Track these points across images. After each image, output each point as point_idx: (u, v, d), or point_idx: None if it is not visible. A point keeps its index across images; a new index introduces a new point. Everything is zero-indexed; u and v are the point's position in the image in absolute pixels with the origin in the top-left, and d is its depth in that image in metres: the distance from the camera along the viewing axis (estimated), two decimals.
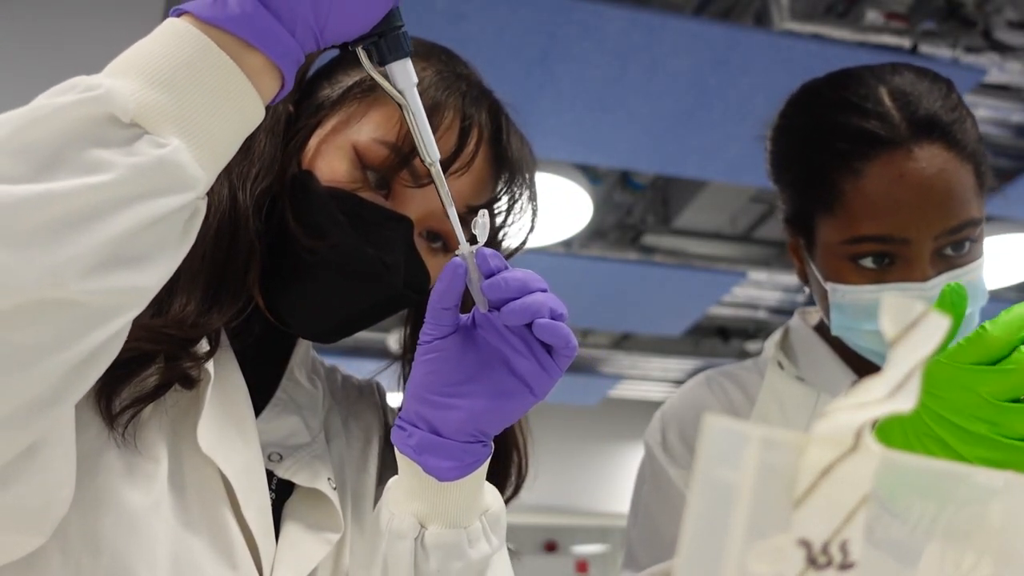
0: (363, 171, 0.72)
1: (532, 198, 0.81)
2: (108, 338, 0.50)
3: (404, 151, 0.71)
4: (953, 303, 0.62)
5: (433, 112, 0.71)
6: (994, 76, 2.56)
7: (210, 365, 0.67)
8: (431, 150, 0.63)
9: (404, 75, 0.62)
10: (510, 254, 0.83)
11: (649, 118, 2.56)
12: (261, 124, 0.72)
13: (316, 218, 0.70)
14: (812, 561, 0.26)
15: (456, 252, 0.63)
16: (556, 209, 3.14)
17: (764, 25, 2.38)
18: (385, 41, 0.60)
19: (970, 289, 0.86)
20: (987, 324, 0.60)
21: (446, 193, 0.64)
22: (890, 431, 0.65)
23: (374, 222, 0.71)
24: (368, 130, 0.73)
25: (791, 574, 0.26)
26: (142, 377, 0.63)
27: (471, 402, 0.63)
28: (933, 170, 0.85)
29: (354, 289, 0.72)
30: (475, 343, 0.64)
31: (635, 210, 3.80)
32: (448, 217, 0.65)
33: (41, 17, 1.98)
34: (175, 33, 0.53)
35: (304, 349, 0.82)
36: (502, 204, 0.80)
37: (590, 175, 3.19)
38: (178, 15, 0.54)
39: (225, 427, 0.67)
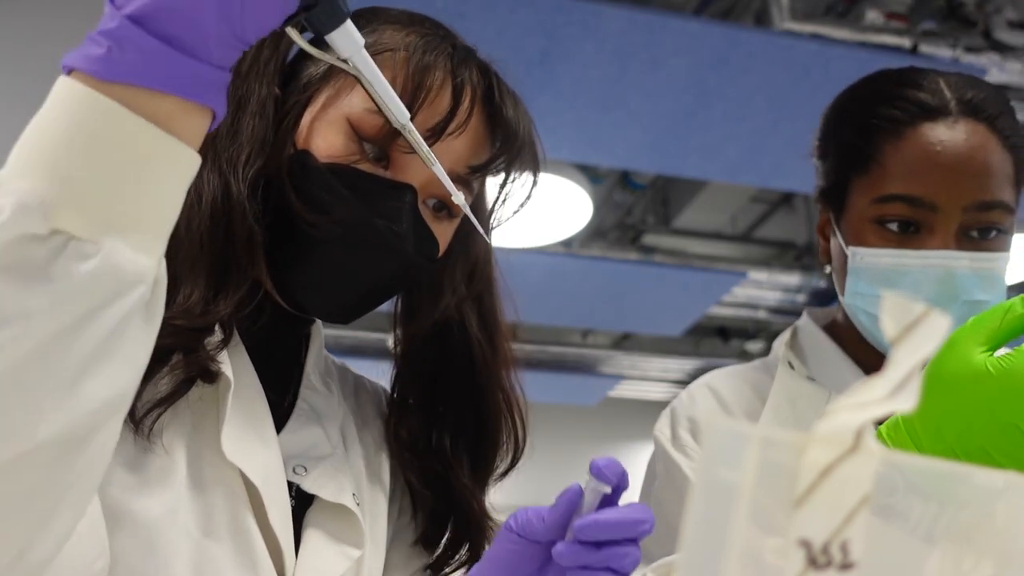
0: (359, 143, 0.71)
1: (532, 156, 0.79)
2: (100, 447, 0.48)
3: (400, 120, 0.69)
4: None
5: (423, 74, 0.70)
6: (994, 76, 2.56)
7: (228, 368, 0.66)
8: (399, 112, 0.60)
9: (347, 41, 0.56)
10: (513, 214, 0.81)
11: (649, 118, 2.56)
12: (247, 108, 0.70)
13: (319, 195, 0.69)
14: (812, 561, 0.26)
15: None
16: (556, 209, 3.14)
17: (764, 25, 2.38)
18: (318, 13, 0.53)
19: (988, 279, 0.86)
20: None
21: (427, 152, 0.62)
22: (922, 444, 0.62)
23: (378, 192, 0.70)
24: (359, 101, 0.70)
25: (791, 574, 0.26)
26: (161, 375, 0.62)
27: None
28: (973, 143, 0.87)
29: (367, 262, 0.71)
30: (547, 561, 0.64)
31: (635, 210, 3.80)
32: (444, 187, 0.64)
33: (41, 17, 1.98)
34: (74, 102, 0.46)
35: (317, 348, 0.81)
36: (501, 163, 0.77)
37: (590, 175, 3.19)
38: (68, 71, 0.47)
39: (246, 433, 0.67)
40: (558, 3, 2.09)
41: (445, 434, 0.81)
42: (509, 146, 0.76)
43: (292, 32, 0.56)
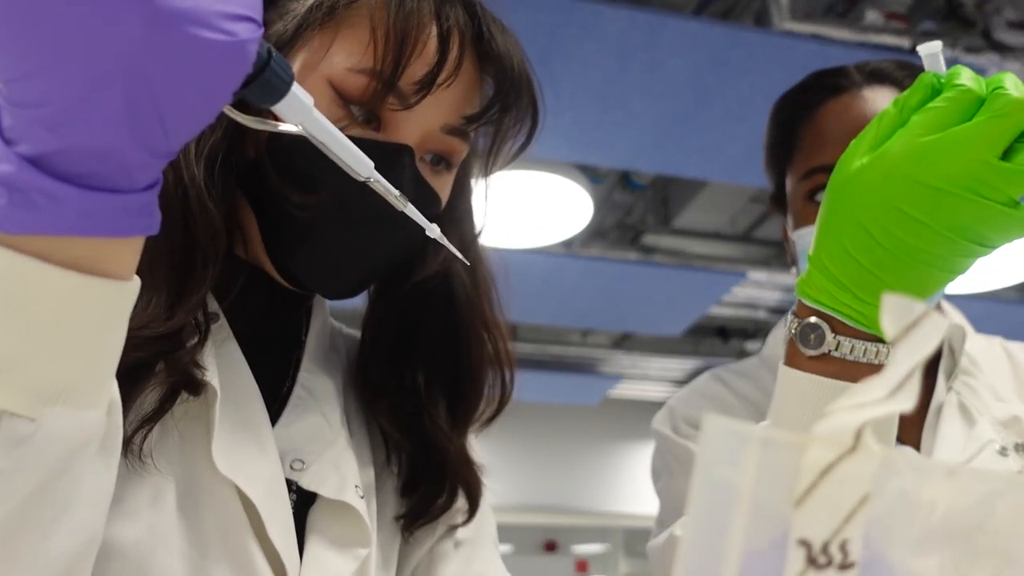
0: (346, 106, 0.64)
1: (529, 93, 0.72)
2: None
3: (385, 74, 0.62)
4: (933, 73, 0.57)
5: (406, 22, 0.63)
6: None
7: (213, 376, 0.62)
8: (361, 166, 0.55)
9: (295, 107, 0.48)
10: (513, 157, 0.75)
11: (649, 118, 2.56)
12: None
13: (309, 171, 0.63)
14: (812, 561, 0.26)
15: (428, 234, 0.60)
16: (556, 209, 3.14)
17: (764, 25, 2.39)
18: (256, 90, 0.45)
19: None
20: (957, 81, 0.54)
21: (397, 197, 0.58)
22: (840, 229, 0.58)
23: (374, 159, 0.63)
24: (340, 60, 0.63)
25: (791, 574, 0.26)
26: (144, 392, 0.58)
27: None
28: (879, 104, 0.90)
29: (372, 236, 0.66)
30: None
31: (635, 210, 3.80)
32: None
33: None
34: None
35: (319, 323, 0.76)
36: (496, 110, 0.70)
37: (590, 175, 3.19)
38: None
39: (241, 440, 0.62)
40: (558, 3, 2.09)
41: (418, 373, 0.75)
42: (504, 87, 0.69)
43: (231, 112, 0.49)
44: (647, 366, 5.17)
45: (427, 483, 0.75)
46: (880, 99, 0.91)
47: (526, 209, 3.08)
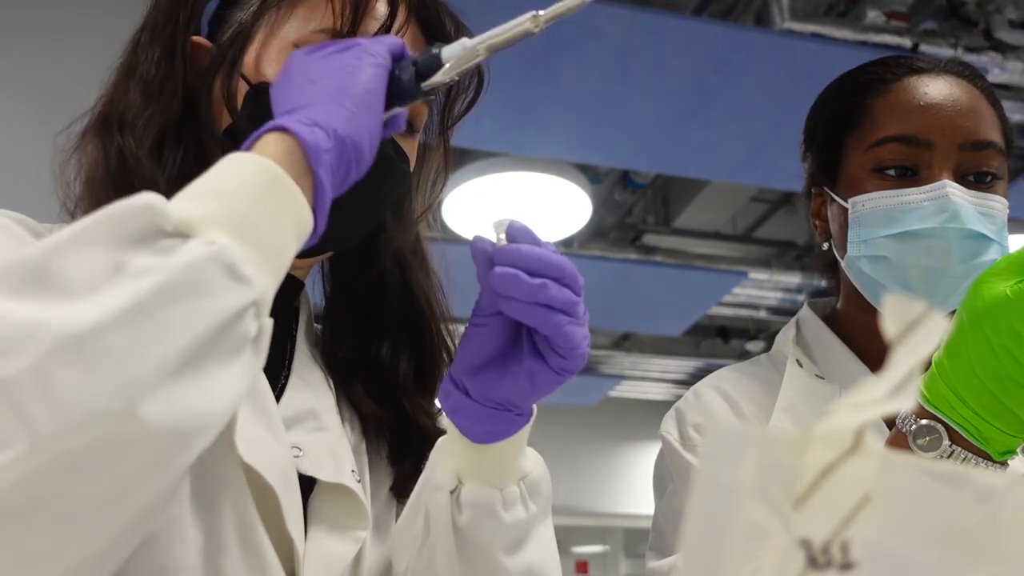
0: None
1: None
2: (168, 485, 0.47)
3: (343, 32, 0.67)
4: None
5: None
6: (995, 76, 2.56)
7: None
8: (523, 21, 0.65)
9: (456, 56, 0.61)
10: (457, 119, 0.80)
11: (649, 118, 2.56)
12: (137, 72, 0.69)
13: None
14: (812, 561, 0.26)
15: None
16: (556, 209, 3.14)
17: (764, 25, 2.39)
18: (425, 65, 0.60)
19: (990, 217, 0.86)
20: None
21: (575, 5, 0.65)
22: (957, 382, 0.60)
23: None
24: (302, 25, 0.68)
25: (791, 574, 0.26)
26: None
27: (500, 376, 0.64)
28: (959, 88, 0.90)
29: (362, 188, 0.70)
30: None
31: (635, 210, 3.80)
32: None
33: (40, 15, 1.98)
34: (245, 164, 0.52)
35: (307, 318, 0.79)
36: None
37: (590, 175, 3.20)
38: (279, 129, 0.54)
39: (256, 428, 0.64)
40: None
41: (383, 346, 0.80)
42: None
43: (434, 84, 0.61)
44: (647, 366, 5.17)
45: (411, 453, 0.78)
46: (959, 85, 0.91)
47: (526, 209, 3.09)
